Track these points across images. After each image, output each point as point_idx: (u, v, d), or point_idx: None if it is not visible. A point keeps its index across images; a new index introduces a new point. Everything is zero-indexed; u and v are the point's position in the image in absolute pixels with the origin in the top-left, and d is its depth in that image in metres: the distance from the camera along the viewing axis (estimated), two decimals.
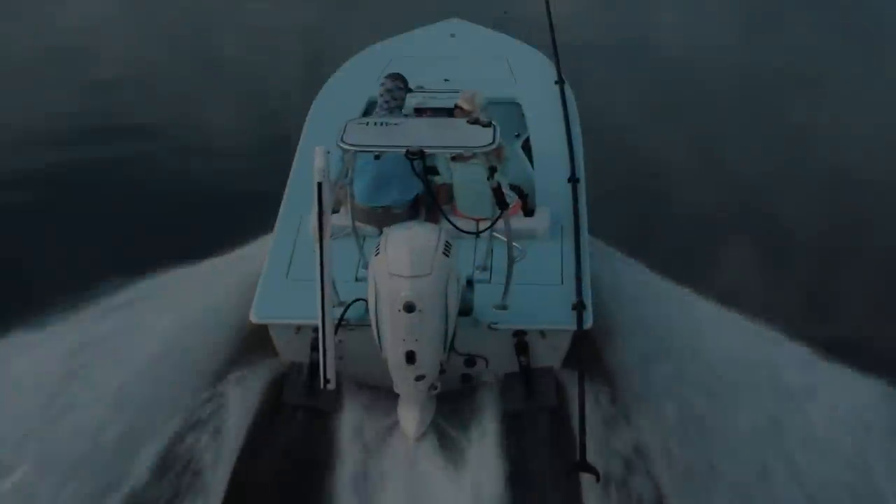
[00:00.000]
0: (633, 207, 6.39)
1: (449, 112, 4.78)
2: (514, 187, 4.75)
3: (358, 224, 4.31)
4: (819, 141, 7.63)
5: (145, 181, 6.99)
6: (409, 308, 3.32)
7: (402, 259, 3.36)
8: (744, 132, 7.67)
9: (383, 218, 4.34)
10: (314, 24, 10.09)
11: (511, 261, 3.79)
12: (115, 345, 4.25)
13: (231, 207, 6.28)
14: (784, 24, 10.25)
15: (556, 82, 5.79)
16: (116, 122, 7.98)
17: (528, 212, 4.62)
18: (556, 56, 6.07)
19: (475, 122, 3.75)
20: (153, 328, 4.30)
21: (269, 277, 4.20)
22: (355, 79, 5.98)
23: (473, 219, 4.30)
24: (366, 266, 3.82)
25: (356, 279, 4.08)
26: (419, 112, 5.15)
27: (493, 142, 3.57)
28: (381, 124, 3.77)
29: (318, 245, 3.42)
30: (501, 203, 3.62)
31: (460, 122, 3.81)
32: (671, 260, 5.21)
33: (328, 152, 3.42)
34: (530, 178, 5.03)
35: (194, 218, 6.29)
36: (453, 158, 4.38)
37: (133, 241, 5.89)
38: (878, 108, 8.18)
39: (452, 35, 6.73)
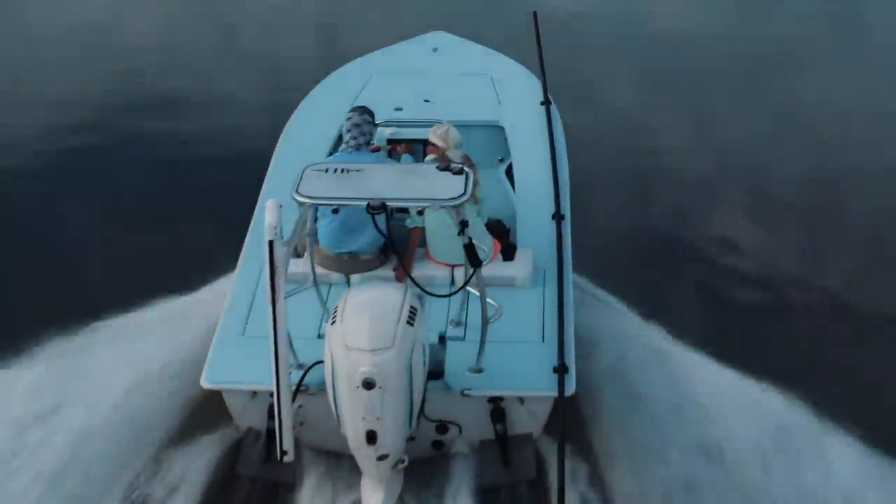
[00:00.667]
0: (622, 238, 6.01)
1: (425, 143, 4.41)
2: (493, 223, 4.45)
3: (323, 270, 3.99)
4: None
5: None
6: (369, 385, 2.98)
7: (361, 330, 3.01)
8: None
9: (351, 264, 4.03)
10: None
11: (485, 321, 3.45)
12: (59, 399, 3.84)
13: None
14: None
15: (542, 103, 5.45)
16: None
17: (508, 250, 4.27)
18: (542, 75, 5.73)
19: (446, 167, 3.38)
20: (102, 386, 3.90)
21: (223, 336, 3.84)
22: (331, 99, 5.63)
23: (448, 265, 4.02)
24: (328, 317, 3.44)
25: (319, 336, 3.73)
26: (392, 143, 4.79)
27: (465, 193, 3.20)
28: (342, 172, 3.37)
29: (271, 309, 3.07)
30: (474, 261, 3.27)
31: (429, 169, 3.42)
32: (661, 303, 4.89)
33: (280, 206, 3.07)
34: (513, 208, 4.70)
35: None
36: None
37: None
38: (864, 80, 8.52)
39: (435, 49, 6.36)
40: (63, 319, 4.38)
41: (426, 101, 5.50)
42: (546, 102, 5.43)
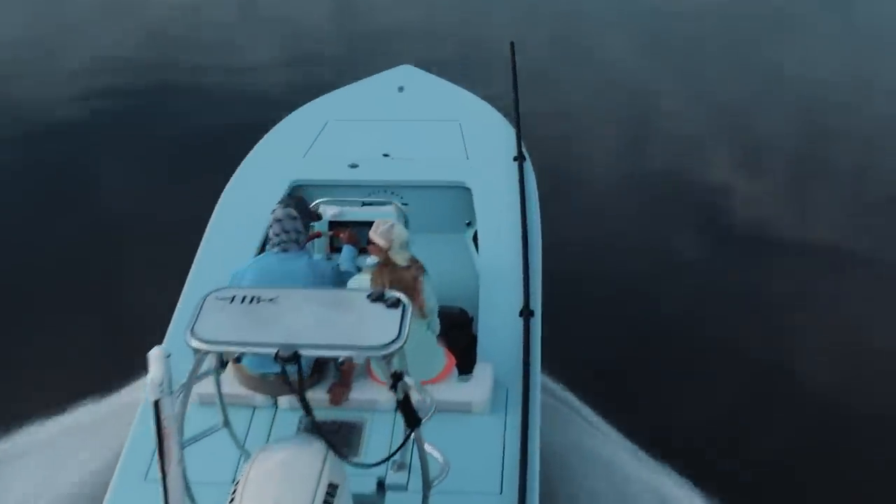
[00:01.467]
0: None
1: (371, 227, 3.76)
2: (454, 314, 3.86)
3: (245, 391, 3.39)
4: None
5: None
6: None
7: None
8: None
9: (277, 386, 3.39)
10: None
11: (427, 484, 2.82)
12: None
13: None
14: None
15: (514, 158, 4.75)
16: None
17: (466, 354, 3.62)
18: (517, 123, 5.03)
19: (379, 297, 2.73)
20: None
21: (121, 479, 3.24)
22: (280, 155, 4.96)
23: None
24: (247, 458, 2.86)
25: (234, 481, 3.12)
26: (335, 228, 4.15)
27: (398, 338, 2.54)
28: (250, 301, 2.71)
29: (161, 479, 2.48)
30: (410, 420, 2.64)
31: (358, 299, 2.76)
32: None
33: (169, 355, 2.45)
34: (478, 283, 4.05)
35: None
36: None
37: None
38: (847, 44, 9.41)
39: (401, 89, 5.61)
40: None
41: (385, 155, 4.85)
42: (519, 158, 4.74)
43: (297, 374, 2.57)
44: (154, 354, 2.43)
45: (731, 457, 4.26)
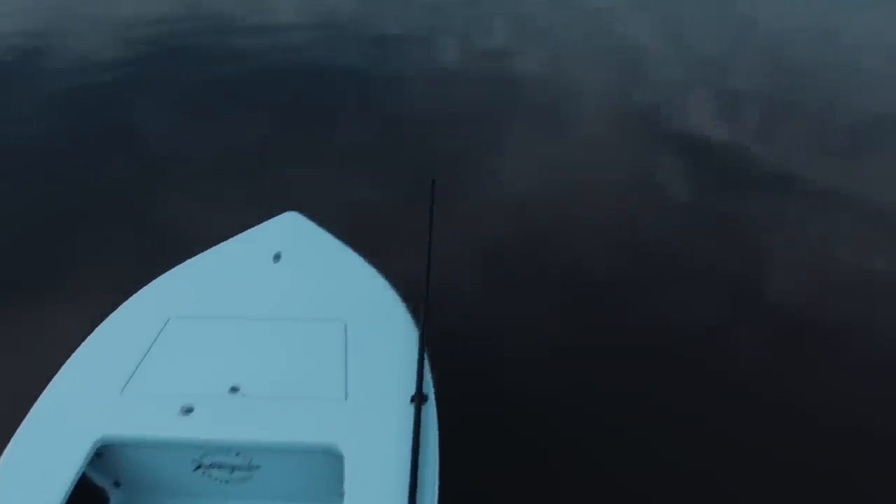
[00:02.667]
0: None
1: None
2: None
3: None
4: None
5: None
6: None
7: None
8: None
9: None
10: None
11: None
12: None
13: None
14: None
15: (412, 400, 3.10)
16: None
17: None
18: (420, 367, 3.05)
19: None
20: None
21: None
22: (92, 386, 3.18)
23: None
24: None
25: None
26: None
27: None
28: None
29: None
30: None
31: None
32: None
33: None
34: None
35: None
36: None
37: None
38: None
39: (277, 257, 3.96)
40: None
41: (234, 389, 3.14)
42: (418, 397, 3.02)
43: None
44: None
45: (711, 356, 4.76)
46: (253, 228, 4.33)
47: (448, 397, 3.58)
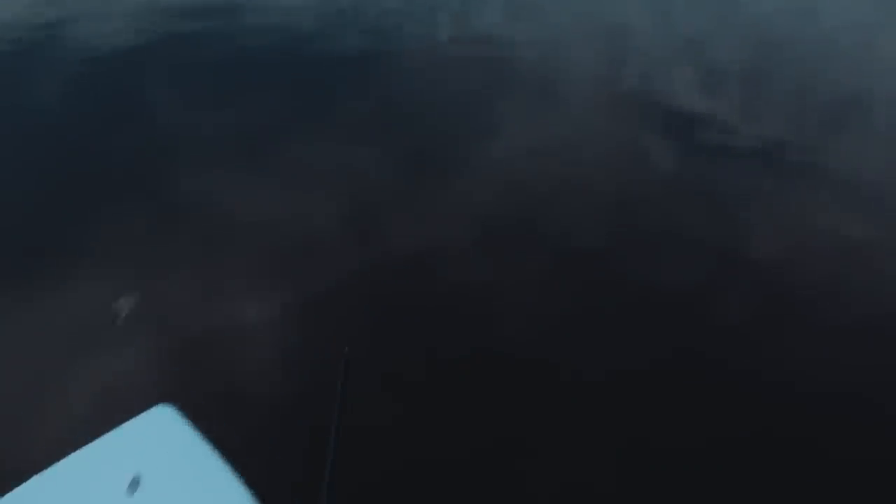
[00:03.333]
0: None
1: None
2: None
3: None
4: None
5: None
6: None
7: None
8: None
9: None
10: None
11: None
12: None
13: None
14: None
15: None
16: None
17: None
18: None
19: None
20: None
21: None
22: None
23: None
24: None
25: None
26: None
27: None
28: None
29: None
30: None
31: None
32: None
33: None
34: None
35: None
36: None
37: None
38: None
39: (133, 486, 3.31)
40: None
41: None
42: None
43: None
44: None
45: (694, 313, 5.07)
46: (120, 429, 3.55)
47: (451, 345, 3.88)
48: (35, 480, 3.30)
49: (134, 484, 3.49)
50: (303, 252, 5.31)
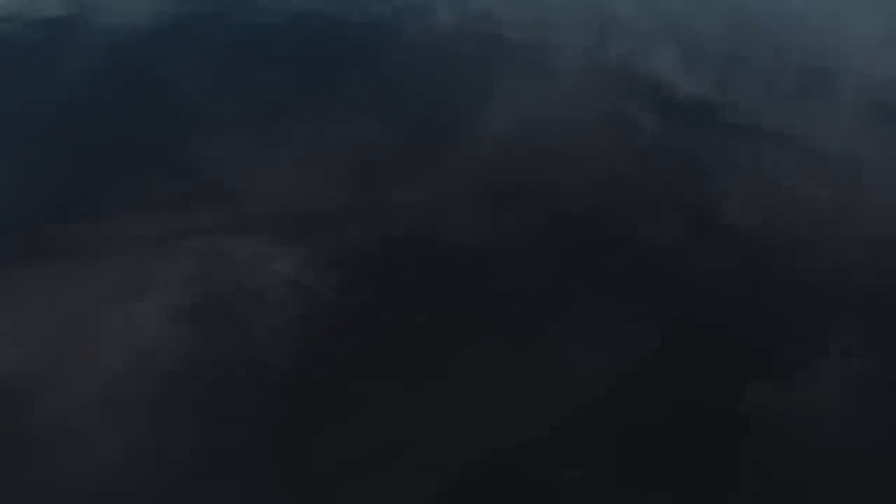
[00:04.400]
0: None
1: None
2: None
3: None
4: None
5: None
6: None
7: None
8: None
9: None
10: None
11: None
12: None
13: None
14: None
15: None
16: None
17: None
18: None
19: None
20: None
21: None
22: None
23: None
24: None
25: None
26: None
27: None
28: None
29: None
30: None
31: None
32: None
33: None
34: None
35: None
36: None
37: None
38: None
39: None
40: None
41: None
42: None
43: None
44: None
45: (673, 267, 5.51)
46: None
47: (456, 297, 4.44)
48: None
49: None
50: (314, 215, 5.71)
